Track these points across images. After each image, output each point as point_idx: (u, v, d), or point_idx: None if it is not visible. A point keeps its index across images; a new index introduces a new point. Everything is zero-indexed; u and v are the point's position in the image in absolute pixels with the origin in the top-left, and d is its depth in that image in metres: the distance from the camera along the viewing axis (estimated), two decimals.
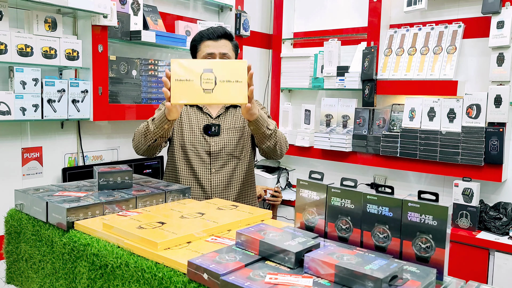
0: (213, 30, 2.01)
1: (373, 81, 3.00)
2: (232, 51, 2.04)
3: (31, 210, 1.49)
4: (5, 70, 2.16)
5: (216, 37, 1.99)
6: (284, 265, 1.02)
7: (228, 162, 2.04)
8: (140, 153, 1.98)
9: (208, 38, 1.99)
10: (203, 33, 2.02)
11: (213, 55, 1.98)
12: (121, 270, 1.15)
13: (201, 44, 2.01)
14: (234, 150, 2.05)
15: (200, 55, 2.01)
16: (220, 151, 2.02)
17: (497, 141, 2.55)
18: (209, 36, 2.00)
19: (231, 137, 2.06)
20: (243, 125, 2.09)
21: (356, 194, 1.15)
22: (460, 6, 2.85)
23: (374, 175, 3.24)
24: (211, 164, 2.02)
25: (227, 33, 2.03)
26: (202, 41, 2.01)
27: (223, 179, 2.03)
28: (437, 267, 1.01)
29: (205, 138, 2.03)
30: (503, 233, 2.54)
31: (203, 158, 2.02)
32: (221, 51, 1.98)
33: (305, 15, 3.59)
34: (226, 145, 2.04)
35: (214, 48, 1.98)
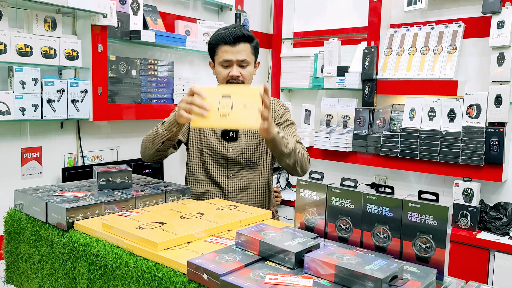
0: (230, 32, 1.90)
1: (373, 81, 2.99)
2: (251, 54, 1.95)
3: (31, 210, 1.49)
4: (5, 70, 2.15)
5: (233, 41, 1.89)
6: (284, 265, 1.01)
7: (246, 168, 2.00)
8: (147, 158, 1.93)
9: (225, 43, 1.90)
10: (220, 36, 1.92)
11: (230, 62, 1.90)
12: (121, 270, 1.15)
13: (218, 48, 1.92)
14: (252, 156, 2.00)
15: (218, 60, 1.94)
16: (238, 157, 1.98)
17: (498, 141, 2.54)
18: (226, 40, 1.90)
19: (250, 142, 2.01)
20: None
21: (356, 194, 1.15)
22: (461, 6, 2.85)
23: (374, 175, 3.24)
24: (228, 168, 1.98)
25: (245, 35, 1.92)
26: (219, 45, 1.92)
27: (240, 184, 1.99)
28: (437, 267, 1.01)
29: (222, 143, 1.98)
30: (503, 233, 2.54)
31: (220, 163, 1.97)
32: (238, 58, 1.90)
33: (305, 15, 3.59)
34: (244, 151, 1.99)
35: (232, 54, 1.89)
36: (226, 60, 1.90)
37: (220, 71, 1.94)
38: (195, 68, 3.26)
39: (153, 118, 2.80)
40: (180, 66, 3.13)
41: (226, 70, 1.92)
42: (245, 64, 1.93)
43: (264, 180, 2.05)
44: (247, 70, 1.95)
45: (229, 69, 1.91)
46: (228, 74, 1.91)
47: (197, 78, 3.23)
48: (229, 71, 1.91)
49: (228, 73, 1.91)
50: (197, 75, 3.27)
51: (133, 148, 2.86)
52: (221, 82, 1.97)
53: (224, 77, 1.93)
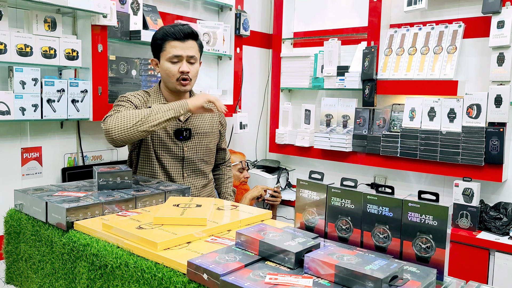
0: (180, 29, 1.91)
1: (373, 81, 2.99)
2: (198, 52, 1.99)
3: (31, 210, 1.49)
4: (5, 70, 2.15)
5: (183, 38, 1.91)
6: (284, 265, 1.01)
7: (199, 168, 2.07)
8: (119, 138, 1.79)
9: (175, 38, 1.90)
10: (169, 32, 1.91)
11: (180, 57, 1.91)
12: (121, 270, 1.15)
13: (166, 43, 1.92)
14: (205, 155, 2.08)
15: (166, 55, 1.92)
16: (192, 156, 2.03)
17: (498, 141, 2.54)
18: (176, 36, 1.90)
19: (202, 141, 2.06)
20: (210, 130, 2.11)
21: (356, 194, 1.15)
22: (461, 6, 2.85)
23: (374, 175, 3.24)
24: (184, 168, 2.02)
25: (194, 32, 1.95)
26: (167, 40, 1.91)
27: (195, 182, 2.05)
28: (437, 267, 1.01)
29: (176, 143, 2.00)
30: (503, 233, 2.54)
31: (176, 163, 2.01)
32: (188, 54, 1.92)
33: (305, 15, 3.59)
34: (199, 150, 2.05)
35: (182, 50, 1.90)
36: (176, 56, 1.91)
37: (169, 67, 1.92)
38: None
39: None
40: None
41: (175, 66, 1.92)
42: (193, 61, 1.95)
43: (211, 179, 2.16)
44: (195, 67, 1.97)
45: (178, 65, 1.92)
46: (178, 70, 1.92)
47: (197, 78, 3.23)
48: (179, 67, 1.92)
49: (178, 68, 1.92)
50: None
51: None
52: (170, 79, 1.95)
53: (174, 73, 1.93)
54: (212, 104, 1.88)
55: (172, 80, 1.95)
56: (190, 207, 1.40)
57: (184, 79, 1.94)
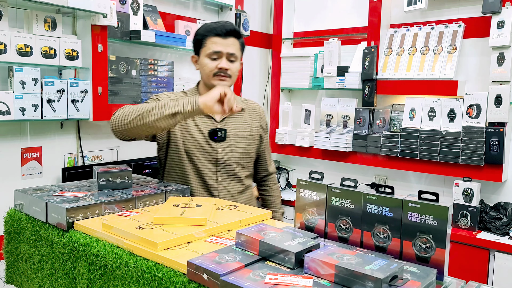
0: (222, 25, 1.83)
1: (373, 81, 2.99)
2: (239, 50, 1.88)
3: (31, 210, 1.49)
4: (5, 70, 2.15)
5: (224, 34, 1.82)
6: (284, 266, 1.01)
7: (236, 171, 1.91)
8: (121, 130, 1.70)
9: (216, 34, 1.82)
10: (211, 27, 1.84)
11: (219, 54, 1.82)
12: (121, 270, 1.15)
13: (207, 39, 1.83)
14: (241, 158, 1.92)
15: (205, 51, 1.84)
16: (227, 158, 1.88)
17: (498, 141, 2.54)
18: (217, 31, 1.82)
19: (238, 143, 1.91)
20: (250, 133, 1.96)
21: (356, 194, 1.15)
22: (460, 6, 2.85)
23: (374, 175, 3.24)
24: (218, 171, 1.87)
25: (236, 30, 1.86)
26: (208, 36, 1.83)
27: (230, 188, 1.90)
28: (437, 267, 1.01)
29: (210, 144, 1.87)
30: (503, 233, 2.54)
31: (209, 165, 1.87)
32: (229, 51, 1.82)
33: (305, 15, 3.59)
34: (234, 152, 1.90)
35: (222, 46, 1.81)
36: (215, 52, 1.82)
37: (207, 63, 1.84)
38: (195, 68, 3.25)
39: None
40: (180, 66, 3.13)
41: (214, 62, 1.83)
42: (234, 59, 1.86)
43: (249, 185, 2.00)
44: (235, 65, 1.87)
45: (217, 61, 1.83)
46: (216, 66, 1.82)
47: (197, 78, 3.22)
48: (217, 63, 1.83)
49: (217, 65, 1.82)
50: (197, 75, 3.26)
51: (133, 148, 2.86)
52: (207, 75, 1.86)
53: (211, 69, 1.83)
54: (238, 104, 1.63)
55: (210, 76, 1.85)
56: (190, 207, 1.40)
57: (222, 74, 1.83)
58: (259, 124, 2.03)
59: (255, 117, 2.02)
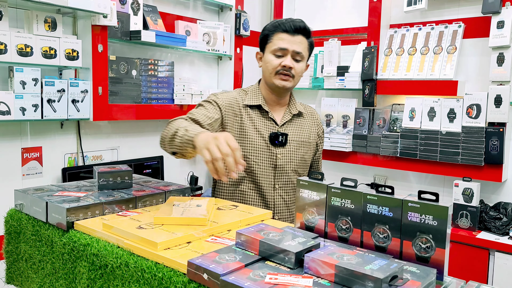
0: (291, 21, 1.72)
1: (373, 81, 2.99)
2: (306, 50, 1.77)
3: (31, 210, 1.49)
4: (5, 70, 2.16)
5: (293, 31, 1.71)
6: (284, 265, 1.02)
7: (292, 179, 1.80)
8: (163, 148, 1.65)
9: (284, 30, 1.72)
10: (279, 23, 1.74)
11: (285, 51, 1.71)
12: (121, 270, 1.15)
13: (274, 35, 1.73)
14: (299, 166, 1.82)
15: (271, 47, 1.74)
16: (286, 165, 1.77)
17: (497, 141, 2.55)
18: (286, 28, 1.71)
19: (297, 150, 1.81)
20: (308, 140, 1.87)
21: (356, 194, 1.15)
22: (460, 6, 2.85)
23: (374, 175, 3.24)
24: (275, 178, 1.77)
25: (306, 28, 1.74)
26: (276, 32, 1.73)
27: (286, 197, 1.80)
28: (437, 267, 1.01)
29: (270, 148, 1.75)
30: (503, 233, 2.54)
31: (267, 172, 1.76)
32: (295, 49, 1.71)
33: (305, 15, 3.59)
34: (293, 159, 1.79)
35: (288, 43, 1.71)
36: (281, 48, 1.71)
37: (271, 59, 1.73)
38: (195, 68, 3.26)
39: (153, 118, 2.80)
40: (180, 66, 3.14)
41: (278, 59, 1.72)
42: (300, 59, 1.74)
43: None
44: (300, 65, 1.75)
45: (282, 59, 1.71)
46: (280, 64, 1.71)
47: (197, 78, 3.24)
48: (281, 61, 1.71)
49: (280, 62, 1.71)
50: (197, 75, 3.27)
51: (133, 148, 2.86)
52: (269, 72, 1.74)
53: (274, 67, 1.72)
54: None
55: (271, 74, 1.73)
56: (190, 207, 1.40)
57: (285, 73, 1.72)
58: (317, 132, 1.94)
59: (313, 123, 1.93)
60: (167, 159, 3.00)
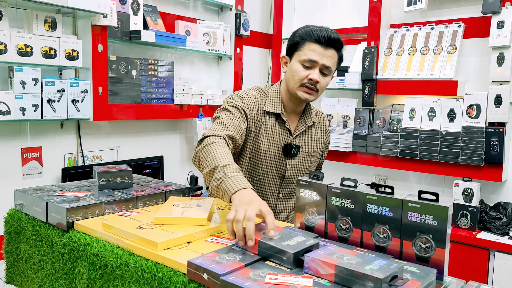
0: (326, 33, 1.64)
1: (373, 81, 2.99)
2: (335, 64, 1.71)
3: (31, 210, 1.49)
4: (5, 70, 2.16)
5: (326, 44, 1.64)
6: (283, 266, 1.02)
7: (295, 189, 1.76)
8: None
9: (317, 41, 1.64)
10: (312, 32, 1.65)
11: (314, 63, 1.64)
12: (121, 270, 1.15)
13: (305, 44, 1.66)
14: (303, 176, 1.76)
15: (300, 56, 1.67)
16: (293, 175, 1.78)
17: (497, 141, 2.55)
18: (319, 38, 1.64)
19: (305, 161, 1.81)
20: (315, 150, 1.86)
21: (356, 194, 1.15)
22: (460, 6, 2.85)
23: (374, 175, 3.24)
24: (281, 188, 1.77)
25: (340, 42, 1.68)
26: (308, 41, 1.65)
27: (287, 205, 1.81)
28: (437, 267, 1.01)
29: (281, 159, 1.75)
30: (503, 233, 2.54)
31: (274, 181, 1.76)
32: (325, 63, 1.64)
33: (305, 15, 3.59)
34: (300, 170, 1.79)
35: (320, 56, 1.64)
36: (311, 60, 1.64)
37: (299, 69, 1.66)
38: (195, 68, 3.26)
39: (153, 118, 2.80)
40: (180, 66, 3.14)
41: (306, 71, 1.65)
42: (327, 73, 1.68)
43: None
44: (326, 80, 1.70)
45: (309, 71, 1.65)
46: (306, 76, 1.65)
47: (197, 78, 3.24)
48: (309, 73, 1.65)
49: (308, 75, 1.65)
50: (197, 75, 3.27)
51: (133, 148, 2.86)
52: (294, 82, 1.68)
53: (301, 78, 1.66)
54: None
55: (296, 84, 1.67)
56: (190, 207, 1.40)
57: (310, 87, 1.66)
58: (324, 141, 1.92)
59: (322, 132, 1.91)
60: (167, 159, 3.00)
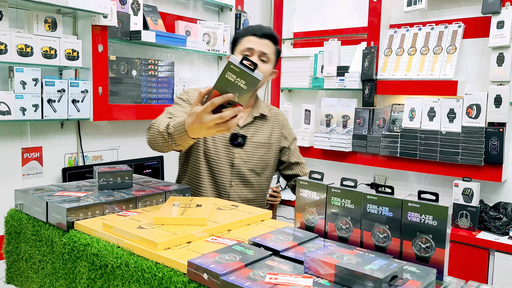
0: (260, 27, 1.89)
1: (373, 81, 3.00)
2: (273, 54, 1.88)
3: (31, 210, 1.49)
4: (5, 70, 2.16)
5: (260, 35, 1.85)
6: None
7: (248, 178, 1.91)
8: (156, 150, 1.72)
9: (253, 34, 1.86)
10: (249, 28, 1.90)
11: (252, 50, 1.83)
12: (121, 270, 1.15)
13: (243, 38, 1.87)
14: (256, 166, 1.92)
15: (239, 49, 1.86)
16: (242, 164, 1.89)
17: (497, 141, 2.55)
18: (254, 32, 1.86)
19: (255, 151, 1.91)
20: (269, 141, 1.96)
21: (356, 194, 1.15)
22: (460, 6, 2.85)
23: (374, 175, 3.24)
24: (232, 176, 1.88)
25: (273, 35, 1.89)
26: (245, 35, 1.86)
27: (241, 193, 1.91)
28: (437, 267, 1.01)
29: (229, 148, 1.88)
30: (503, 233, 2.54)
31: (225, 169, 1.88)
32: (261, 49, 1.83)
33: (305, 15, 3.59)
34: (250, 159, 1.90)
35: (255, 44, 1.83)
36: (248, 48, 1.83)
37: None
38: (195, 68, 3.26)
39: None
40: (180, 66, 3.14)
41: None
42: (266, 60, 1.85)
43: (263, 193, 2.00)
44: (266, 66, 1.85)
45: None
46: None
47: (197, 78, 3.24)
48: None
49: None
50: (197, 75, 3.27)
51: (133, 148, 2.86)
52: None
53: None
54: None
55: None
56: (190, 207, 1.40)
57: None
58: (280, 133, 2.01)
59: (276, 125, 2.01)
60: (167, 159, 3.00)
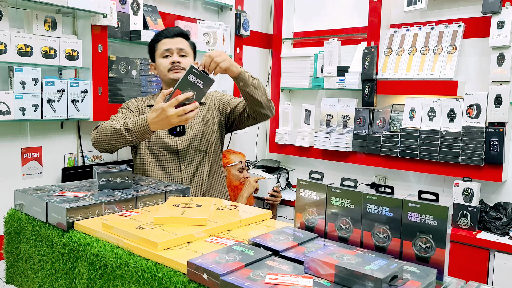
0: (169, 29, 2.12)
1: (373, 81, 2.99)
2: (189, 48, 2.11)
3: (31, 210, 1.49)
4: (5, 70, 2.15)
5: (172, 35, 2.07)
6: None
7: (196, 157, 2.10)
8: (100, 149, 1.95)
9: (165, 37, 2.07)
10: (159, 33, 2.11)
11: (170, 50, 2.04)
12: (121, 270, 1.15)
13: (158, 43, 2.08)
14: (200, 145, 2.11)
15: (158, 53, 2.07)
16: (187, 148, 2.08)
17: (497, 141, 2.55)
18: (166, 34, 2.08)
19: (196, 133, 2.10)
20: (205, 119, 2.14)
21: (356, 194, 1.15)
22: (460, 6, 2.85)
23: (374, 175, 3.24)
24: (180, 161, 2.07)
25: (182, 32, 2.12)
26: (159, 40, 2.08)
27: (192, 173, 2.09)
28: (437, 267, 1.01)
29: (171, 138, 2.07)
30: (503, 233, 2.54)
31: (172, 158, 2.07)
32: (178, 46, 2.05)
33: (305, 15, 3.59)
34: (192, 141, 2.09)
35: (171, 44, 2.05)
36: (166, 49, 2.05)
37: (162, 62, 2.05)
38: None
39: None
40: None
41: (167, 59, 2.04)
42: (185, 54, 2.06)
43: (213, 164, 2.16)
44: (187, 59, 2.07)
45: (170, 58, 2.04)
46: (169, 62, 2.03)
47: None
48: (170, 60, 2.03)
49: (170, 61, 2.03)
50: None
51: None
52: (164, 73, 2.05)
53: (165, 67, 2.03)
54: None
55: (166, 72, 2.04)
56: (190, 207, 1.40)
57: (176, 68, 2.03)
58: (214, 105, 2.20)
59: (211, 103, 2.19)
60: None
